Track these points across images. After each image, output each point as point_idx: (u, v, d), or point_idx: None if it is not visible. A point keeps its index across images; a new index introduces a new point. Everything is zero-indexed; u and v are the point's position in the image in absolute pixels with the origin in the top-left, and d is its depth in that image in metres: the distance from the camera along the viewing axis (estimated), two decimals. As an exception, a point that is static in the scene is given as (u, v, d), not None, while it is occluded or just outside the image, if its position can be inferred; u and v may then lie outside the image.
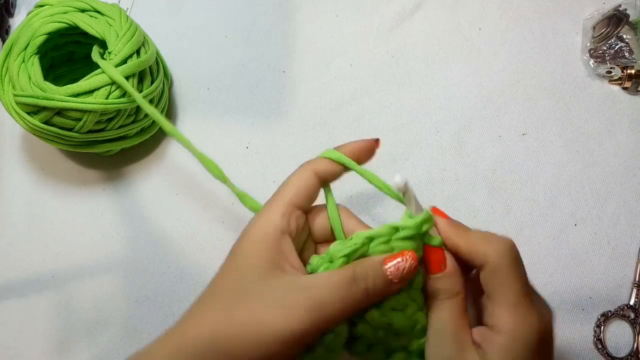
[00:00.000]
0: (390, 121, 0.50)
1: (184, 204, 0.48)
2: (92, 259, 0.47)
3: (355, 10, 0.55)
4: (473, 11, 0.53)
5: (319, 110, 0.51)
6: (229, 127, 0.51)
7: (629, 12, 0.49)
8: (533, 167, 0.47)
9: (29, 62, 0.43)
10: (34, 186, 0.50)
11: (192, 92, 0.53)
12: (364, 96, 0.51)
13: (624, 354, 0.41)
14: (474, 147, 0.48)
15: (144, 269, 0.46)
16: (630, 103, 0.48)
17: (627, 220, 0.44)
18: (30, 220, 0.49)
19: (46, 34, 0.43)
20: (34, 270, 0.47)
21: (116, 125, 0.44)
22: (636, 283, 0.42)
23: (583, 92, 0.49)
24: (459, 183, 0.47)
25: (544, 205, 0.45)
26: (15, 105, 0.43)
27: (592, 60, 0.49)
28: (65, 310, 0.46)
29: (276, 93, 0.52)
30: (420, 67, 0.51)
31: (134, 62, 0.43)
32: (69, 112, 0.41)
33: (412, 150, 0.48)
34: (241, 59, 0.54)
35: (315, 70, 0.52)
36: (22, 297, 0.46)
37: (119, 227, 0.48)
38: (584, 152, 0.47)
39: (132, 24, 0.45)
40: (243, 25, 0.55)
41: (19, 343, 0.45)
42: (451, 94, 0.50)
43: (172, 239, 0.47)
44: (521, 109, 0.49)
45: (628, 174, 0.46)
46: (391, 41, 0.53)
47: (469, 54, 0.52)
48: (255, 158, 0.49)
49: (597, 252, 0.44)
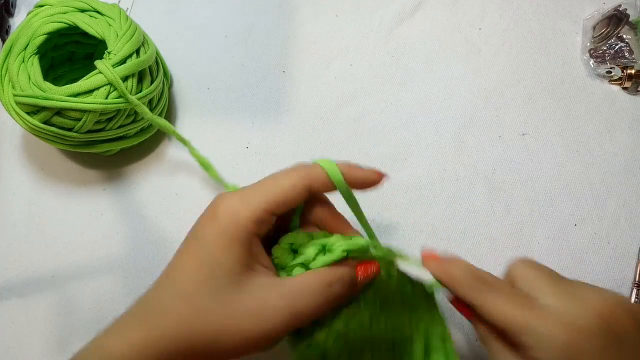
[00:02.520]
0: (390, 121, 0.50)
1: (184, 204, 0.48)
2: (92, 259, 0.47)
3: (355, 10, 0.55)
4: (473, 11, 0.53)
5: (319, 110, 0.51)
6: (229, 127, 0.51)
7: (629, 12, 0.49)
8: (533, 167, 0.47)
9: (29, 62, 0.43)
10: (34, 186, 0.50)
11: (192, 92, 0.53)
12: (364, 96, 0.51)
13: (624, 354, 0.41)
14: (474, 147, 0.48)
15: (144, 269, 0.46)
16: (630, 103, 0.48)
17: (627, 220, 0.44)
18: (30, 220, 0.49)
19: (46, 34, 0.43)
20: (34, 270, 0.47)
21: (116, 125, 0.44)
22: (636, 283, 0.42)
23: (583, 92, 0.49)
24: (459, 183, 0.47)
25: (544, 205, 0.45)
26: (15, 105, 0.43)
27: (592, 60, 0.49)
28: (65, 310, 0.46)
29: (276, 93, 0.52)
30: (420, 67, 0.51)
31: (133, 62, 0.43)
32: (69, 112, 0.41)
33: (412, 150, 0.48)
34: (241, 59, 0.54)
35: (315, 70, 0.52)
36: (22, 297, 0.46)
37: (119, 227, 0.48)
38: (584, 152, 0.47)
39: (132, 24, 0.45)
40: (243, 25, 0.55)
41: (19, 343, 0.45)
42: (451, 94, 0.50)
43: (172, 239, 0.47)
44: (521, 109, 0.49)
45: (628, 174, 0.46)
46: (391, 41, 0.53)
47: (469, 54, 0.52)
48: (255, 158, 0.49)
49: (597, 252, 0.44)
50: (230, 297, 0.26)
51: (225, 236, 0.27)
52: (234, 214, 0.27)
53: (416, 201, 0.46)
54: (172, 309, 0.26)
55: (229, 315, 0.26)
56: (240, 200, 0.28)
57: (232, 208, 0.27)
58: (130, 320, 0.27)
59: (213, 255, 0.27)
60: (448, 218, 0.45)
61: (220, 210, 0.28)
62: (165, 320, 0.26)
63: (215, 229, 0.27)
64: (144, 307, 0.28)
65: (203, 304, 0.26)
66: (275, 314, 0.26)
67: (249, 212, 0.27)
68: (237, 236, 0.27)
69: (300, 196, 0.29)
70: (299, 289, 0.27)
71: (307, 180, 0.28)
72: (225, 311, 0.26)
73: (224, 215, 0.27)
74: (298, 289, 0.27)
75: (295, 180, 0.28)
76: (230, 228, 0.27)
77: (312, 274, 0.28)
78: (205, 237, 0.27)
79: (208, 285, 0.26)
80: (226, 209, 0.27)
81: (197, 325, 0.26)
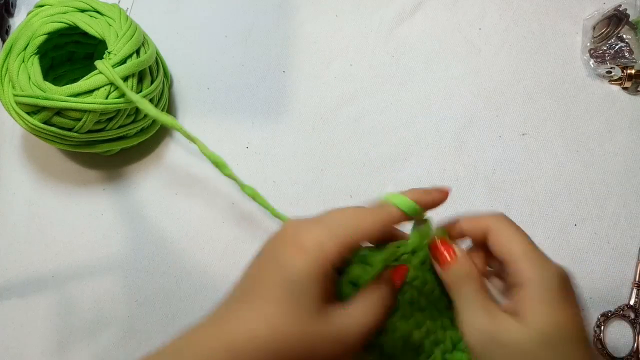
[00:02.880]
0: (390, 121, 0.49)
1: (184, 204, 0.48)
2: (92, 259, 0.47)
3: (355, 10, 0.55)
4: (473, 11, 0.53)
5: (319, 110, 0.51)
6: (229, 127, 0.51)
7: (629, 12, 0.49)
8: (533, 167, 0.47)
9: (29, 62, 0.43)
10: (34, 186, 0.50)
11: (192, 92, 0.53)
12: (364, 96, 0.51)
13: (623, 354, 0.41)
14: (474, 147, 0.48)
15: (144, 269, 0.46)
16: (630, 103, 0.48)
17: (627, 220, 0.44)
18: (30, 220, 0.49)
19: (46, 34, 0.43)
20: (34, 270, 0.47)
21: (116, 125, 0.44)
22: (636, 283, 0.42)
23: (583, 92, 0.49)
24: (459, 183, 0.47)
25: (544, 205, 0.45)
26: (15, 105, 0.43)
27: (592, 60, 0.49)
28: (65, 310, 0.46)
29: (276, 93, 0.52)
30: (420, 67, 0.51)
31: (133, 62, 0.43)
32: (69, 112, 0.41)
33: (412, 150, 0.48)
34: (241, 59, 0.54)
35: (315, 70, 0.52)
36: (22, 297, 0.46)
37: (119, 227, 0.48)
38: (584, 152, 0.47)
39: (132, 24, 0.45)
40: (243, 25, 0.55)
41: (19, 343, 0.45)
42: (451, 94, 0.50)
43: (172, 239, 0.47)
44: (521, 109, 0.49)
45: (628, 174, 0.46)
46: (391, 41, 0.53)
47: (469, 54, 0.52)
48: (255, 158, 0.49)
49: (597, 252, 0.44)
50: (314, 327, 0.27)
51: (315, 266, 0.27)
52: (321, 245, 0.27)
53: (416, 201, 0.46)
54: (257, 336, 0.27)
55: (314, 341, 0.27)
56: (328, 234, 0.28)
57: (319, 239, 0.28)
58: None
59: (302, 284, 0.27)
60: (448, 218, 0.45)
61: (308, 240, 0.28)
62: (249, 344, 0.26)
63: (303, 258, 0.27)
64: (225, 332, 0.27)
65: (287, 330, 0.26)
66: (347, 338, 0.27)
67: (336, 246, 0.27)
68: (325, 268, 0.27)
69: (378, 236, 0.30)
70: (363, 311, 0.28)
71: (387, 222, 0.29)
72: (310, 338, 0.27)
73: (311, 245, 0.27)
74: (362, 312, 0.28)
75: (377, 221, 0.29)
76: (319, 258, 0.27)
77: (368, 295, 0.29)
78: (294, 265, 0.27)
79: (293, 315, 0.27)
80: (314, 240, 0.27)
81: (283, 351, 0.26)
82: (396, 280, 0.30)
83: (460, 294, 0.29)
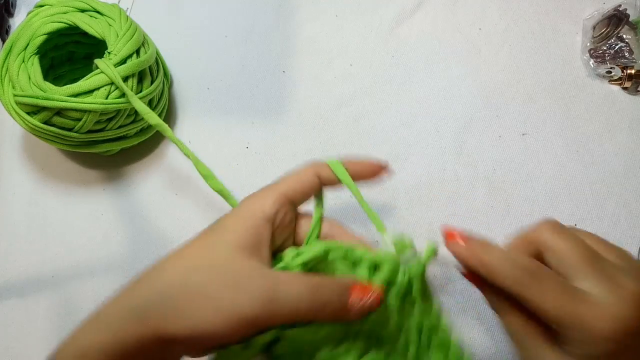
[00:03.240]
0: (390, 121, 0.49)
1: (184, 204, 0.48)
2: (92, 259, 0.47)
3: (355, 10, 0.55)
4: (473, 11, 0.53)
5: (319, 110, 0.51)
6: (229, 127, 0.51)
7: (629, 12, 0.49)
8: (533, 167, 0.47)
9: (29, 62, 0.43)
10: (34, 186, 0.50)
11: (192, 92, 0.53)
12: (364, 96, 0.51)
13: (624, 354, 0.41)
14: (474, 147, 0.48)
15: (144, 269, 0.46)
16: (630, 103, 0.48)
17: (627, 220, 0.44)
18: (30, 220, 0.49)
19: (46, 34, 0.43)
20: (34, 270, 0.47)
21: (116, 125, 0.44)
22: (636, 283, 0.42)
23: (583, 92, 0.49)
24: (459, 183, 0.47)
25: (544, 205, 0.45)
26: (15, 105, 0.43)
27: (592, 60, 0.49)
28: (65, 310, 0.46)
29: (276, 93, 0.52)
30: (420, 67, 0.51)
31: (133, 62, 0.43)
32: (69, 112, 0.41)
33: (412, 150, 0.48)
34: (241, 59, 0.54)
35: (315, 70, 0.52)
36: (22, 297, 0.46)
37: (119, 227, 0.48)
38: (583, 152, 0.47)
39: (132, 24, 0.45)
40: (243, 25, 0.55)
41: (19, 343, 0.45)
42: (451, 94, 0.50)
43: (172, 239, 0.47)
44: (521, 109, 0.49)
45: (628, 174, 0.46)
46: (391, 41, 0.53)
47: (469, 54, 0.52)
48: (255, 158, 0.49)
49: (597, 252, 0.44)
50: (219, 267, 0.27)
51: (241, 213, 0.29)
52: (251, 198, 0.30)
53: (416, 201, 0.46)
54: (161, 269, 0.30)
55: (210, 280, 0.26)
56: (260, 191, 0.30)
57: (252, 196, 0.30)
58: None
59: (224, 228, 0.29)
60: (448, 218, 0.45)
61: (243, 200, 0.30)
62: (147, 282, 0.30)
63: (234, 211, 0.30)
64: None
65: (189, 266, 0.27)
66: (256, 294, 0.25)
67: (265, 194, 0.30)
68: (251, 214, 0.29)
69: (311, 180, 0.31)
70: (286, 278, 0.27)
71: (316, 168, 0.31)
72: (209, 276, 0.26)
73: (245, 201, 0.30)
74: (284, 278, 0.27)
75: (305, 169, 0.31)
76: (249, 210, 0.29)
77: (303, 273, 0.28)
78: (225, 218, 0.29)
79: (205, 252, 0.28)
80: (247, 200, 0.30)
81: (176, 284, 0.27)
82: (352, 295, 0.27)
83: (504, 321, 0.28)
